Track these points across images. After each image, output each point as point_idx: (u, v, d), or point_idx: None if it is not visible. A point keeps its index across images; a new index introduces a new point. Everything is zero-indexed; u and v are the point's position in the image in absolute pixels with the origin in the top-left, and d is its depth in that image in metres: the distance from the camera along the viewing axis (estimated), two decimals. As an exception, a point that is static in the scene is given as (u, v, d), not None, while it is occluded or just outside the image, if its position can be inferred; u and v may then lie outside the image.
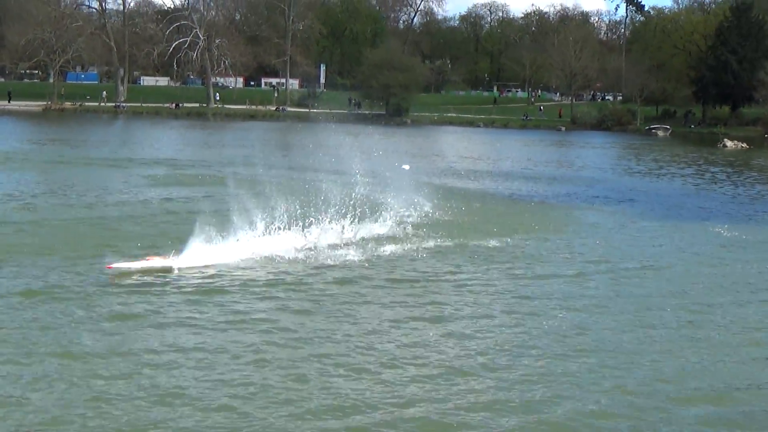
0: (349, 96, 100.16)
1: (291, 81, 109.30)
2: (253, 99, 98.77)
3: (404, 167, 38.28)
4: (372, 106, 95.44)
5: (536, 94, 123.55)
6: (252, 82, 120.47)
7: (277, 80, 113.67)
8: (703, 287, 16.37)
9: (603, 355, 11.76)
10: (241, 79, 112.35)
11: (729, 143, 70.27)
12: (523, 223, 23.80)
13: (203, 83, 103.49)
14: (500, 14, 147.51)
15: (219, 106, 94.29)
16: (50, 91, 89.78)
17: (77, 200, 24.90)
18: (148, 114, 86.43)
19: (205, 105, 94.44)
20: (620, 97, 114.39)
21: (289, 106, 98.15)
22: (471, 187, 33.37)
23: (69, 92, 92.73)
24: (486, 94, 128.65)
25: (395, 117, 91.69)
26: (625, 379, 10.80)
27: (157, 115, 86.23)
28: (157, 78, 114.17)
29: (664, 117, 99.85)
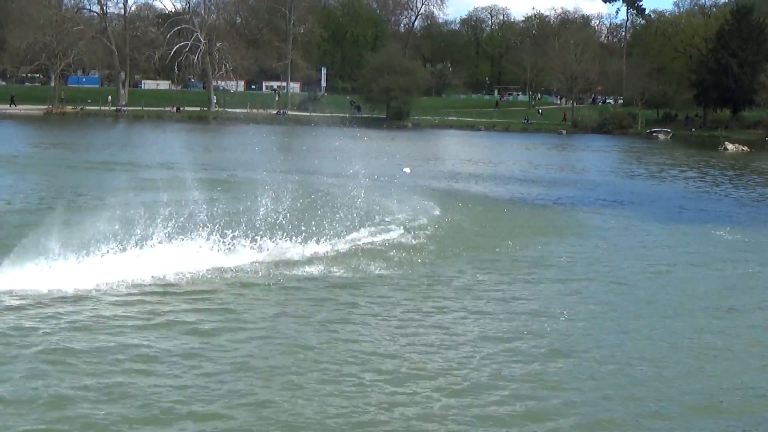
0: (350, 99, 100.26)
1: (292, 84, 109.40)
2: (254, 103, 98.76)
3: (405, 170, 38.33)
4: (372, 109, 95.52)
5: (536, 98, 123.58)
6: (253, 86, 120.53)
7: (278, 84, 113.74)
8: (706, 291, 16.32)
9: (606, 360, 11.69)
10: (242, 83, 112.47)
11: (730, 146, 70.25)
12: (524, 226, 23.77)
13: (204, 87, 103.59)
14: (501, 18, 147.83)
15: (220, 110, 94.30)
16: (51, 95, 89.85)
17: None
18: (149, 118, 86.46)
19: (206, 109, 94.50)
20: (621, 101, 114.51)
21: (290, 109, 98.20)
22: (472, 190, 33.34)
23: (70, 96, 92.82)
24: (487, 97, 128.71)
25: (396, 120, 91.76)
26: (631, 389, 10.69)
27: (158, 118, 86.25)
28: (158, 82, 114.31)
29: (665, 120, 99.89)
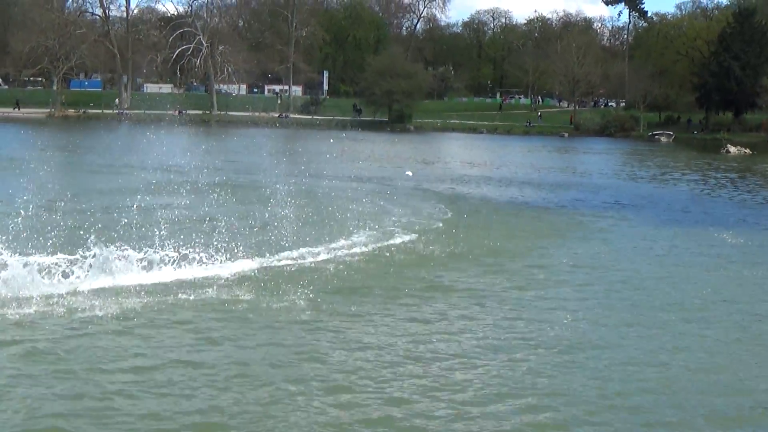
0: (354, 103, 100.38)
1: (294, 88, 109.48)
2: (255, 106, 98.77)
3: (408, 173, 38.40)
4: (374, 112, 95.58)
5: (537, 101, 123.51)
6: (255, 89, 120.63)
7: (281, 87, 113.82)
8: (709, 294, 16.29)
9: (609, 365, 11.66)
10: (244, 86, 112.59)
11: (732, 149, 70.27)
12: (526, 230, 23.77)
13: (206, 90, 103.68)
14: (503, 20, 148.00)
15: (222, 113, 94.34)
16: (54, 99, 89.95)
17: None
18: (151, 121, 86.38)
19: (208, 112, 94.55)
20: (623, 104, 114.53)
21: (292, 112, 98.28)
22: (474, 193, 33.34)
23: (73, 99, 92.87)
24: (489, 100, 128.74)
25: (398, 124, 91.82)
26: (635, 397, 10.64)
27: (160, 122, 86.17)
28: (161, 85, 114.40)
29: (667, 123, 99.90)
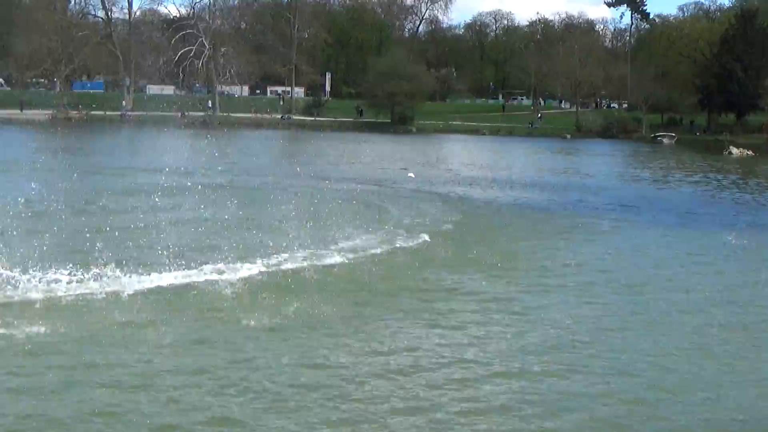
0: (357, 104, 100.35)
1: (296, 89, 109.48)
2: (258, 107, 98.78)
3: (410, 175, 38.39)
4: (377, 114, 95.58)
5: (538, 103, 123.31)
6: (258, 91, 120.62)
7: (283, 89, 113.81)
8: (712, 295, 16.26)
9: (611, 368, 11.64)
10: (246, 88, 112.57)
11: (735, 151, 70.26)
12: (529, 232, 23.75)
13: (209, 92, 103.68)
14: (505, 22, 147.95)
15: (224, 115, 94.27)
16: (57, 101, 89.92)
17: None
18: (154, 122, 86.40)
19: (210, 113, 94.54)
20: (625, 105, 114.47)
21: (295, 114, 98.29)
22: (476, 195, 33.31)
23: (75, 101, 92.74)
24: (491, 102, 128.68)
25: (400, 125, 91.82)
26: (638, 400, 10.58)
27: (162, 123, 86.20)
28: (163, 87, 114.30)
29: (669, 125, 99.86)
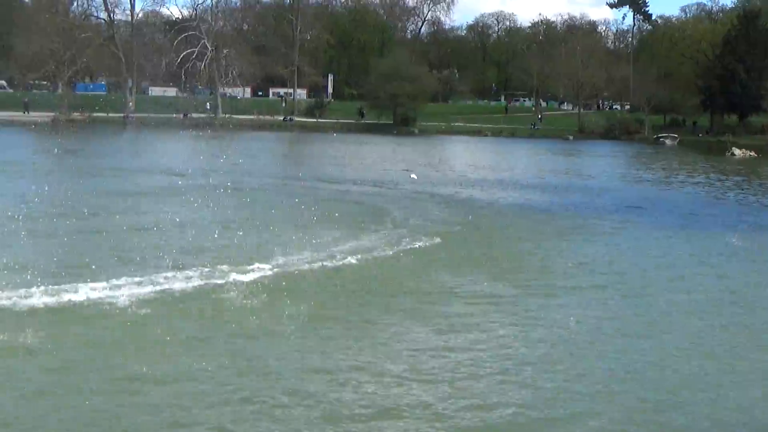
0: (360, 106, 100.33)
1: (299, 91, 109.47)
2: (261, 109, 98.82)
3: (412, 176, 38.37)
4: (379, 116, 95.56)
5: (540, 104, 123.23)
6: (260, 92, 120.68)
7: (285, 90, 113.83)
8: (715, 296, 16.26)
9: (614, 371, 11.63)
10: (248, 89, 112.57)
11: (737, 152, 70.19)
12: (531, 233, 23.75)
13: (211, 93, 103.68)
14: (508, 24, 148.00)
15: (227, 116, 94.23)
16: (59, 102, 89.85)
17: None
18: (156, 124, 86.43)
19: (213, 115, 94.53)
20: (628, 106, 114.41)
21: (297, 116, 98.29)
22: (478, 196, 33.30)
23: (78, 103, 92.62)
24: (493, 103, 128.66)
25: (403, 127, 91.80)
26: (640, 402, 10.60)
27: (165, 125, 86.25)
28: (165, 88, 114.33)
29: (672, 126, 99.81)
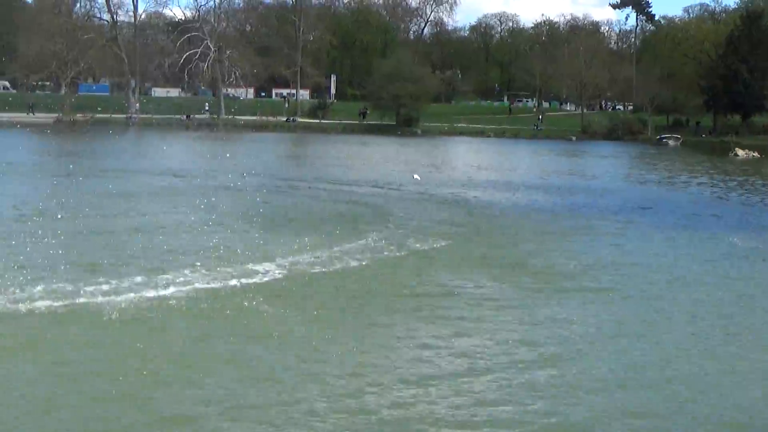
0: (364, 106, 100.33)
1: (301, 92, 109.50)
2: (263, 110, 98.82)
3: (415, 177, 38.36)
4: (382, 116, 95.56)
5: (541, 104, 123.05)
6: (263, 93, 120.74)
7: (288, 91, 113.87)
8: (719, 297, 16.23)
9: (616, 371, 11.62)
10: (251, 90, 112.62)
11: (740, 152, 70.08)
12: (534, 234, 23.73)
13: (214, 94, 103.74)
14: (510, 24, 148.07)
15: (230, 117, 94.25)
16: (62, 103, 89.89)
17: None
18: (160, 125, 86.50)
19: (215, 116, 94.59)
20: (631, 107, 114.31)
21: (300, 116, 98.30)
22: (482, 197, 33.25)
23: (81, 104, 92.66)
24: (496, 104, 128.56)
25: (405, 127, 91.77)
26: (642, 403, 10.58)
27: (168, 126, 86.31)
28: (168, 89, 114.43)
29: (675, 126, 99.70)
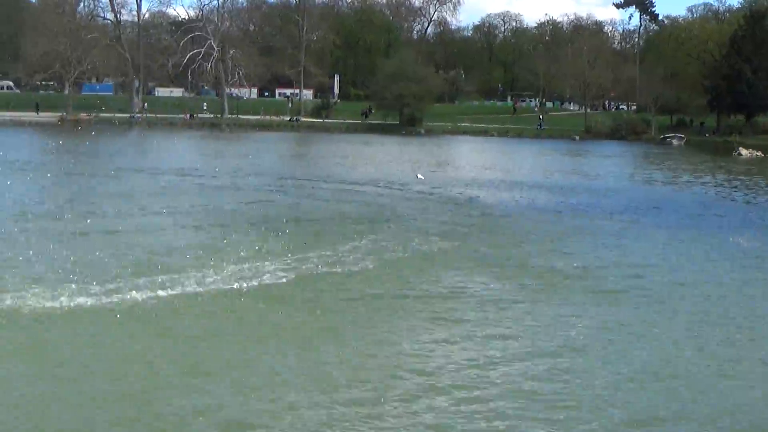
0: (369, 106, 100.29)
1: (305, 91, 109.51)
2: (267, 109, 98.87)
3: (419, 176, 38.37)
4: (385, 116, 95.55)
5: (542, 105, 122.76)
6: (266, 93, 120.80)
7: (291, 91, 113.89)
8: (722, 297, 16.18)
9: (618, 372, 11.57)
10: (255, 90, 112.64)
11: (744, 152, 69.95)
12: (538, 233, 23.66)
13: (217, 94, 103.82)
14: (514, 24, 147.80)
15: (233, 117, 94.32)
16: (66, 103, 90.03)
17: None
18: (163, 125, 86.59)
19: (219, 116, 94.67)
20: (634, 107, 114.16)
21: (303, 116, 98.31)
22: (485, 197, 33.19)
23: (85, 103, 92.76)
24: (500, 104, 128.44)
25: (409, 127, 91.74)
26: (644, 404, 10.54)
27: (171, 125, 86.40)
28: (172, 89, 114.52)
29: (678, 126, 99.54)
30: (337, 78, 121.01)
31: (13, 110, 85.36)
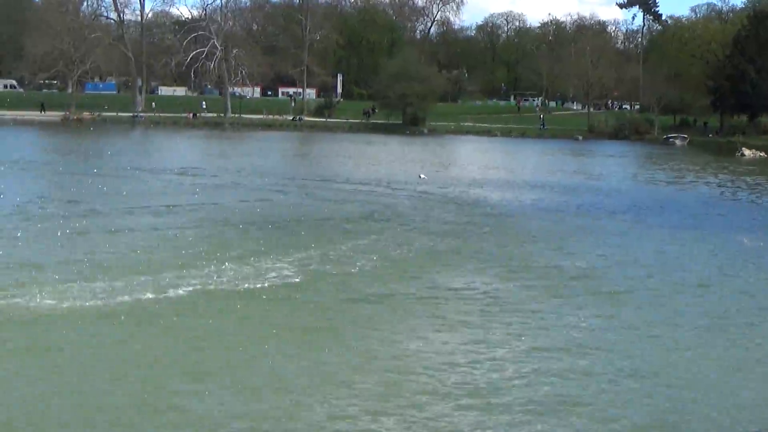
0: (372, 105, 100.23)
1: (308, 91, 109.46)
2: (270, 109, 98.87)
3: (422, 176, 38.33)
4: (388, 115, 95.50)
5: (545, 104, 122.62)
6: (269, 92, 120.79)
7: (294, 90, 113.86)
8: (724, 297, 16.14)
9: (619, 372, 11.54)
10: (258, 89, 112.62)
11: (747, 152, 69.79)
12: (541, 233, 23.63)
13: (220, 93, 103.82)
14: (517, 24, 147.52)
15: (236, 116, 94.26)
16: (69, 102, 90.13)
17: None
18: (166, 124, 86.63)
19: (222, 115, 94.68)
20: (637, 107, 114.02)
21: (306, 115, 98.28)
22: (488, 196, 33.14)
23: (88, 102, 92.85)
24: (503, 103, 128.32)
25: (412, 126, 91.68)
26: (644, 404, 10.51)
27: (174, 125, 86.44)
28: (175, 88, 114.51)
29: (681, 126, 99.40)
30: (340, 77, 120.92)
31: (14, 109, 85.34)
